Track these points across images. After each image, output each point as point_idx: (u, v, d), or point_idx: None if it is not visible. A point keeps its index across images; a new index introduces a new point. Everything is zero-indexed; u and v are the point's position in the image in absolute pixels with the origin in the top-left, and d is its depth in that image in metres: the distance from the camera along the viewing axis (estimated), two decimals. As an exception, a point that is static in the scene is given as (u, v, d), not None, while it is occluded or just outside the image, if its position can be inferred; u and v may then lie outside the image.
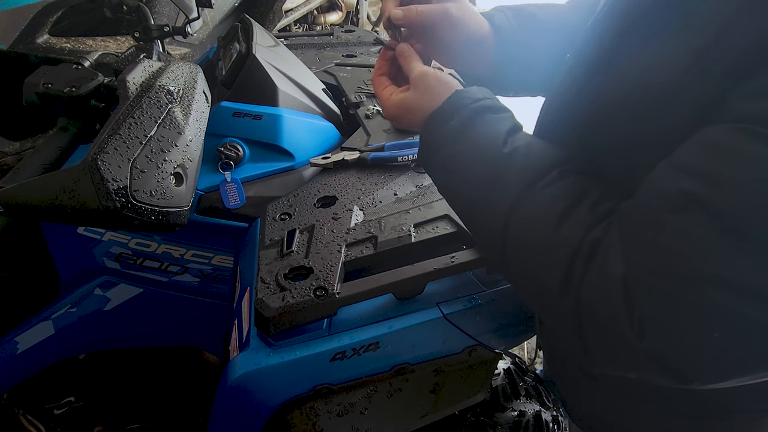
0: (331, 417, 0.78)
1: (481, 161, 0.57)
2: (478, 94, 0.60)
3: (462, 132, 0.58)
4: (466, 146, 0.58)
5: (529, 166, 0.55)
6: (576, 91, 0.58)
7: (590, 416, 0.86)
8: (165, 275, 1.02)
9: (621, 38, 0.52)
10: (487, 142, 0.57)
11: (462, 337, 0.81)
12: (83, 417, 1.15)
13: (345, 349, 0.74)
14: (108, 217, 0.61)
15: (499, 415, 0.94)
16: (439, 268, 0.77)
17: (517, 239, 0.54)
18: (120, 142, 0.63)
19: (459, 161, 0.59)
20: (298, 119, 0.98)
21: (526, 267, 0.54)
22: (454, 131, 0.58)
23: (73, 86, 0.74)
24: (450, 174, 0.61)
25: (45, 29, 1.44)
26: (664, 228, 0.43)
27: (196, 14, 0.99)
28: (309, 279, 0.74)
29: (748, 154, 0.40)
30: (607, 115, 0.53)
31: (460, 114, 0.59)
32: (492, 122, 0.58)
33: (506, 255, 0.55)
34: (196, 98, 0.76)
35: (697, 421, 0.71)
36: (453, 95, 0.60)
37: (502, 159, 0.55)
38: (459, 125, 0.58)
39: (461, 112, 0.59)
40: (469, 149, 0.58)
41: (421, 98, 0.63)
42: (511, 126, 0.58)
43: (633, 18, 0.51)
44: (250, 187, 0.94)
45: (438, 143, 0.60)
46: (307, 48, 1.49)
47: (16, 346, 0.99)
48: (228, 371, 0.75)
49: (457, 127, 0.58)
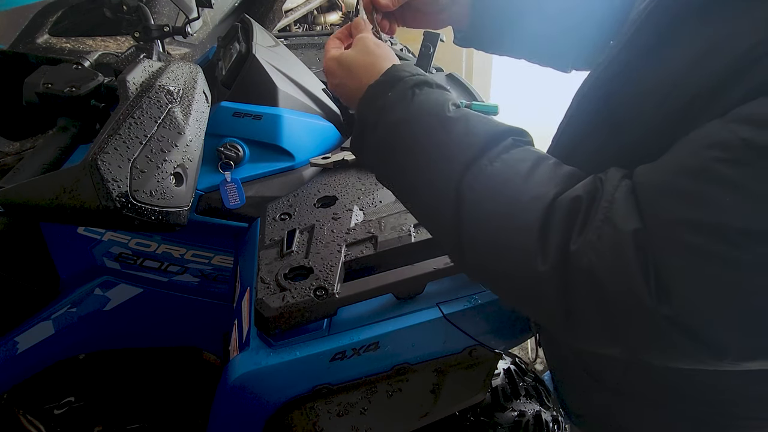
0: (331, 417, 0.78)
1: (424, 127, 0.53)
2: (415, 70, 0.58)
3: (401, 101, 0.55)
4: (405, 114, 0.54)
5: (477, 131, 0.52)
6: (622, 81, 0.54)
7: (591, 417, 0.85)
8: (165, 275, 1.02)
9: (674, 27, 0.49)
10: (429, 109, 0.54)
11: (462, 337, 0.81)
12: (83, 417, 1.15)
13: (345, 349, 0.74)
14: (108, 217, 0.61)
15: (499, 415, 0.94)
16: (439, 268, 0.77)
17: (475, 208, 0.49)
18: (120, 142, 0.63)
19: (398, 133, 0.55)
20: (298, 119, 0.98)
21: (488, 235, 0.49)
22: (392, 102, 0.56)
23: (73, 86, 0.74)
24: (389, 151, 0.56)
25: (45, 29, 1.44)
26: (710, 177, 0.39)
27: (196, 14, 0.99)
28: (309, 279, 0.74)
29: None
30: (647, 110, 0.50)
31: (398, 85, 0.56)
32: (432, 93, 0.56)
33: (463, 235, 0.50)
34: (196, 98, 0.76)
35: (699, 425, 0.70)
36: (391, 68, 0.58)
37: (447, 122, 0.52)
38: (398, 96, 0.56)
39: (399, 84, 0.56)
40: (409, 117, 0.54)
41: (358, 57, 0.63)
42: (453, 99, 0.56)
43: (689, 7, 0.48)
44: (250, 187, 0.94)
45: (375, 116, 0.57)
46: (307, 48, 1.49)
47: (16, 346, 0.99)
48: (228, 371, 0.75)
49: (396, 98, 0.56)
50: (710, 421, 0.69)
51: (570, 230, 0.45)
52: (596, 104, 0.58)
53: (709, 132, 0.42)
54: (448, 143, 0.52)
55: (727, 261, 0.39)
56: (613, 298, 0.43)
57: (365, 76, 0.60)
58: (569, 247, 0.44)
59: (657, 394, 0.70)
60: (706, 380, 0.65)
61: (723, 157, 0.39)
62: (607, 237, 0.43)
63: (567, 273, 0.44)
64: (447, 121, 0.53)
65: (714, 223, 0.39)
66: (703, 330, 0.41)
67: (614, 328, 0.45)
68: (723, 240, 0.39)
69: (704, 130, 0.42)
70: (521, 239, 0.46)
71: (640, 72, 0.52)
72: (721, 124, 0.41)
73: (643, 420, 0.74)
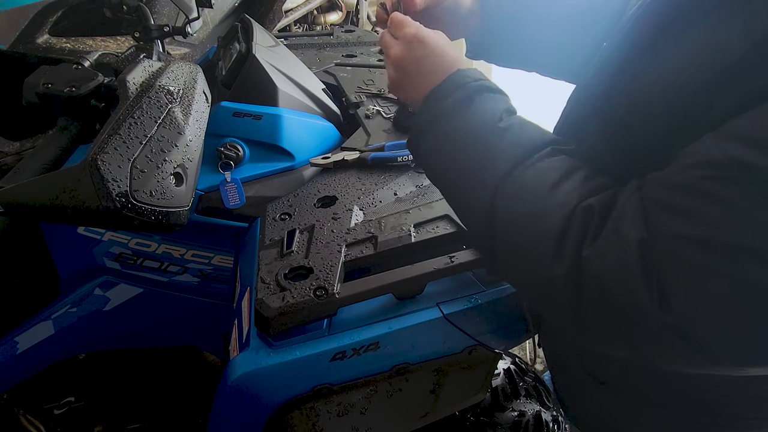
0: (331, 417, 0.78)
1: (475, 135, 0.57)
2: (478, 75, 0.61)
3: (460, 108, 0.58)
4: (462, 122, 0.58)
5: (521, 141, 0.55)
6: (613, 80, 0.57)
7: (590, 417, 0.86)
8: (165, 275, 1.02)
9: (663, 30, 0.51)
10: (484, 117, 0.57)
11: (462, 337, 0.81)
12: (83, 417, 1.15)
13: (345, 349, 0.74)
14: (108, 217, 0.61)
15: (499, 415, 0.94)
16: (439, 268, 0.77)
17: (506, 208, 0.53)
18: (120, 142, 0.63)
19: (453, 138, 0.59)
20: (298, 119, 0.98)
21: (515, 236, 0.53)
22: (452, 108, 0.59)
23: (73, 86, 0.73)
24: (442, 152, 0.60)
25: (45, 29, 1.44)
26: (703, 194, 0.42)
27: (196, 14, 0.99)
28: (309, 279, 0.74)
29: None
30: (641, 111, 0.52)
31: (459, 91, 0.59)
32: (490, 100, 0.59)
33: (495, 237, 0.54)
34: (196, 98, 0.76)
35: (699, 425, 0.70)
36: (454, 74, 0.61)
37: (497, 132, 0.56)
38: (457, 102, 0.59)
39: (460, 90, 0.59)
40: (465, 125, 0.58)
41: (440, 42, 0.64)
42: (508, 106, 0.59)
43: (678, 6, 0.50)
44: (250, 187, 0.94)
45: (433, 119, 0.60)
46: (307, 48, 1.49)
47: (16, 346, 0.99)
48: (228, 371, 0.75)
49: (455, 104, 0.59)
50: (709, 420, 0.69)
51: (584, 237, 0.47)
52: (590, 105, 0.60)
53: (701, 149, 0.44)
54: (494, 151, 0.56)
55: (718, 274, 0.41)
56: (618, 303, 0.45)
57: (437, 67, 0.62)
58: (582, 254, 0.47)
59: (656, 394, 0.70)
60: (707, 380, 0.65)
61: (713, 176, 0.41)
62: (614, 245, 0.45)
63: (579, 278, 0.47)
64: (497, 132, 0.56)
65: (707, 239, 0.41)
66: (699, 337, 0.43)
67: (621, 332, 0.47)
68: (715, 254, 0.41)
69: (697, 146, 0.44)
70: (543, 243, 0.49)
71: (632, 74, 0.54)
72: (712, 141, 0.43)
73: (643, 420, 0.75)
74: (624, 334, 0.47)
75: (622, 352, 0.50)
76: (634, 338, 0.46)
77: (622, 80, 0.55)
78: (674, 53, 0.49)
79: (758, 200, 0.39)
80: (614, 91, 0.56)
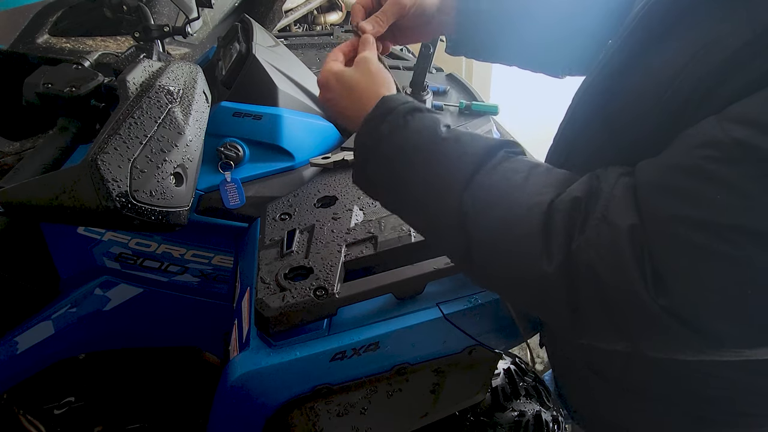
0: (331, 417, 0.78)
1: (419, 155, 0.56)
2: (405, 99, 0.60)
3: (395, 131, 0.57)
4: (401, 143, 0.57)
5: (474, 148, 0.54)
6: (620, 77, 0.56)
7: (592, 414, 0.86)
8: (165, 275, 1.02)
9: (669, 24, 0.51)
10: (422, 134, 0.57)
11: (462, 337, 0.81)
12: (83, 417, 1.15)
13: (345, 349, 0.74)
14: (108, 217, 0.61)
15: (499, 415, 0.94)
16: (439, 268, 0.77)
17: (478, 221, 0.52)
18: (120, 142, 0.63)
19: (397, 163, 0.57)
20: (298, 119, 0.98)
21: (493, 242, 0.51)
22: (387, 133, 0.58)
23: (73, 86, 0.73)
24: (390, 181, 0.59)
25: (45, 29, 1.44)
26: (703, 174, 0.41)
27: (196, 14, 0.99)
28: (309, 279, 0.74)
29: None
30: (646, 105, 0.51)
31: (390, 116, 0.58)
32: (424, 119, 0.58)
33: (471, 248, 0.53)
34: (196, 98, 0.76)
35: (700, 421, 0.70)
36: (383, 99, 0.60)
37: (442, 144, 0.55)
38: (391, 126, 0.58)
39: (391, 115, 0.58)
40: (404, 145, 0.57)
41: (360, 80, 0.64)
42: (446, 121, 0.58)
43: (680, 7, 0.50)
44: (250, 187, 0.94)
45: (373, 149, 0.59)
46: (307, 48, 1.49)
47: (16, 346, 0.99)
48: (228, 371, 0.75)
49: (390, 129, 0.58)
50: (712, 417, 0.69)
51: (571, 230, 0.46)
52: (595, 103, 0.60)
53: (703, 130, 0.43)
54: (445, 164, 0.55)
55: (718, 255, 0.40)
56: (613, 292, 0.44)
57: (362, 100, 0.62)
58: (571, 246, 0.46)
59: (659, 390, 0.70)
60: (708, 375, 0.65)
61: (715, 156, 0.41)
62: (605, 233, 0.45)
63: (571, 271, 0.46)
64: (441, 143, 0.55)
65: (706, 220, 0.41)
66: (698, 320, 0.43)
67: (617, 322, 0.46)
68: (715, 236, 0.40)
69: (699, 128, 0.44)
70: (525, 245, 0.48)
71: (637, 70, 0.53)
72: (715, 123, 0.42)
73: (644, 416, 0.75)
74: (621, 324, 0.46)
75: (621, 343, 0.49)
76: (631, 327, 0.46)
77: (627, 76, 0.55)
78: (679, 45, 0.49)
79: (761, 181, 0.39)
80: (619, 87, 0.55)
